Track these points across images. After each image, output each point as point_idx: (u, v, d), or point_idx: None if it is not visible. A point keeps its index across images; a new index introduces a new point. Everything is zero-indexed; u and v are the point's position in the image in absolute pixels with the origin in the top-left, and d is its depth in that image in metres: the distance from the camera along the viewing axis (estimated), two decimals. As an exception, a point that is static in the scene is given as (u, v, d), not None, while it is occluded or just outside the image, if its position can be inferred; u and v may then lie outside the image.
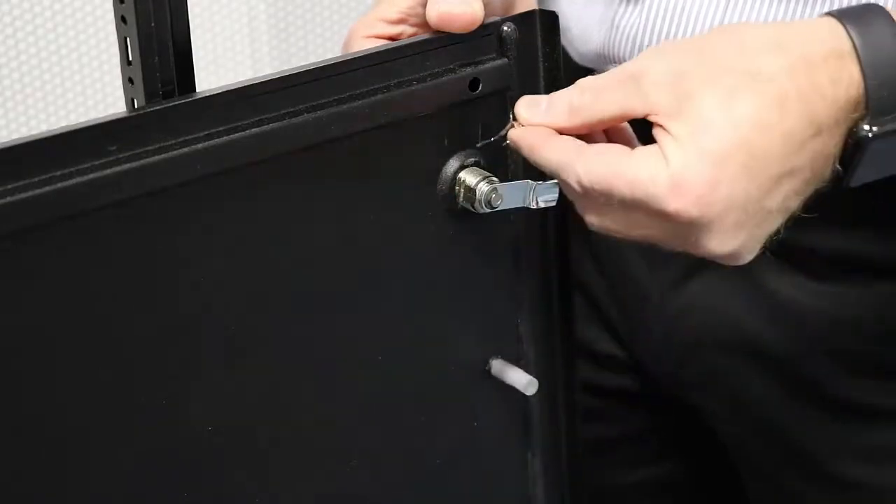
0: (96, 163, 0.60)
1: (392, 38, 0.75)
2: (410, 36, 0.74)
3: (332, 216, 0.68)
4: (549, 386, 0.78)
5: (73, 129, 0.59)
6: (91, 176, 0.59)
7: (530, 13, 0.71)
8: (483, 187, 0.69)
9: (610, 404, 0.95)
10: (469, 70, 0.69)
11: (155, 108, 0.62)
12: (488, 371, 0.75)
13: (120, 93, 0.65)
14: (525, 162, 0.70)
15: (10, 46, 1.24)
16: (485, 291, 0.73)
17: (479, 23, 0.68)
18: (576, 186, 0.65)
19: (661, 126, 0.63)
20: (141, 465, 0.65)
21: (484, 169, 0.70)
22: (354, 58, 0.67)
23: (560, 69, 0.72)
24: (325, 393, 0.70)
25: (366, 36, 0.76)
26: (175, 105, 0.62)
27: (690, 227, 0.63)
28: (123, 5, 0.63)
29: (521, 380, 0.74)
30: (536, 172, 0.70)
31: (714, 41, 0.65)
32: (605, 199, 0.64)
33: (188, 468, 0.66)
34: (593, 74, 0.72)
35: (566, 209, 0.72)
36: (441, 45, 0.69)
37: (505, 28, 0.70)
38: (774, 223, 0.65)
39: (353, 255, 0.69)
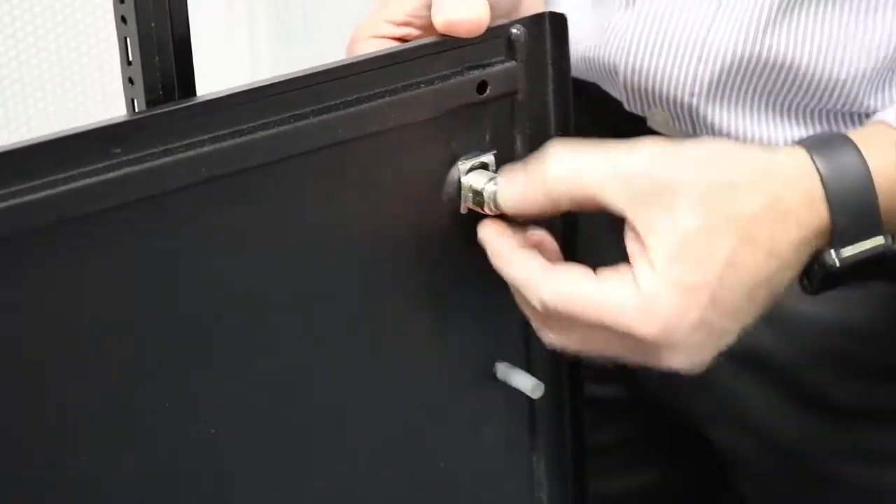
0: (101, 165, 0.60)
1: (398, 40, 0.75)
2: (416, 38, 0.74)
3: (338, 219, 0.67)
4: (554, 389, 0.77)
5: (77, 131, 0.59)
6: (96, 178, 0.59)
7: (539, 16, 0.70)
8: (490, 188, 0.69)
9: (599, 413, 0.95)
10: (477, 73, 0.69)
11: (160, 111, 0.62)
12: (494, 375, 0.75)
13: (120, 93, 0.65)
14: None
15: (10, 46, 1.24)
16: (491, 295, 0.73)
17: (484, 28, 0.68)
18: (538, 306, 0.67)
19: (637, 236, 0.65)
20: (143, 467, 0.64)
21: (491, 171, 0.70)
22: (361, 60, 0.66)
23: (569, 72, 0.72)
24: (329, 396, 0.70)
25: (371, 36, 0.76)
26: (181, 108, 0.62)
27: (655, 347, 0.66)
28: (123, 5, 0.63)
29: (527, 383, 0.74)
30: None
31: (707, 170, 0.66)
32: (569, 322, 0.66)
33: (191, 470, 0.66)
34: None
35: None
36: (449, 47, 0.68)
37: (513, 31, 0.70)
38: (733, 337, 0.68)
39: (359, 257, 0.69)
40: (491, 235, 0.70)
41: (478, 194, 0.69)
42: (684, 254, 0.64)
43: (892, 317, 0.83)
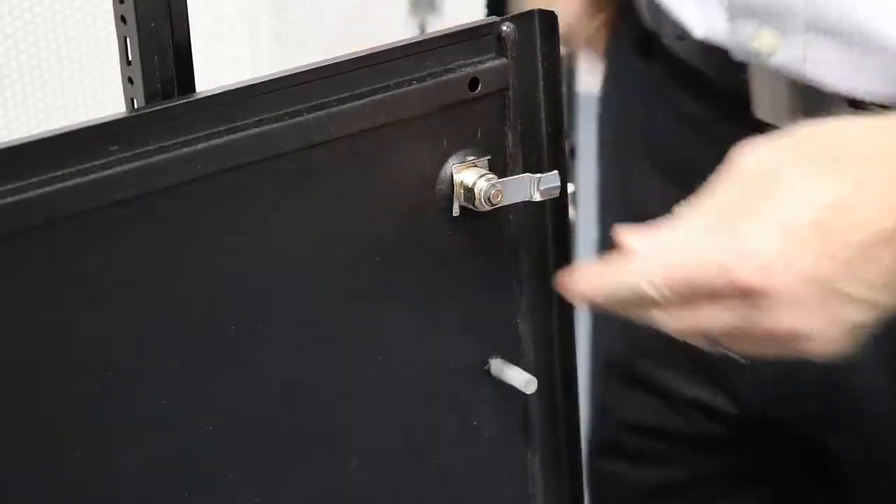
0: (97, 163, 0.60)
1: None
2: None
3: (331, 216, 0.68)
4: (548, 385, 0.78)
5: (73, 128, 0.60)
6: (92, 176, 0.60)
7: (529, 13, 0.71)
8: (482, 184, 0.69)
9: (679, 448, 0.93)
10: (468, 70, 0.69)
11: (156, 108, 0.62)
12: (487, 370, 0.75)
13: (120, 93, 0.65)
14: (525, 158, 0.70)
15: (10, 46, 1.24)
16: (484, 291, 0.74)
17: None
18: (653, 292, 0.64)
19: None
20: (141, 465, 0.65)
21: (483, 167, 0.70)
22: (354, 58, 0.67)
23: (559, 69, 0.72)
24: (324, 393, 0.70)
25: None
26: (176, 105, 0.62)
27: (758, 298, 0.62)
28: (123, 5, 0.63)
29: (521, 379, 0.74)
30: (535, 169, 0.70)
31: (810, 132, 0.64)
32: (681, 297, 0.63)
33: (188, 468, 0.66)
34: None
35: (566, 206, 0.72)
36: (440, 44, 0.69)
37: (504, 28, 0.70)
38: (855, 311, 0.63)
39: (353, 255, 0.69)
40: (583, 278, 0.68)
41: (469, 191, 0.69)
42: (786, 202, 0.61)
43: None
